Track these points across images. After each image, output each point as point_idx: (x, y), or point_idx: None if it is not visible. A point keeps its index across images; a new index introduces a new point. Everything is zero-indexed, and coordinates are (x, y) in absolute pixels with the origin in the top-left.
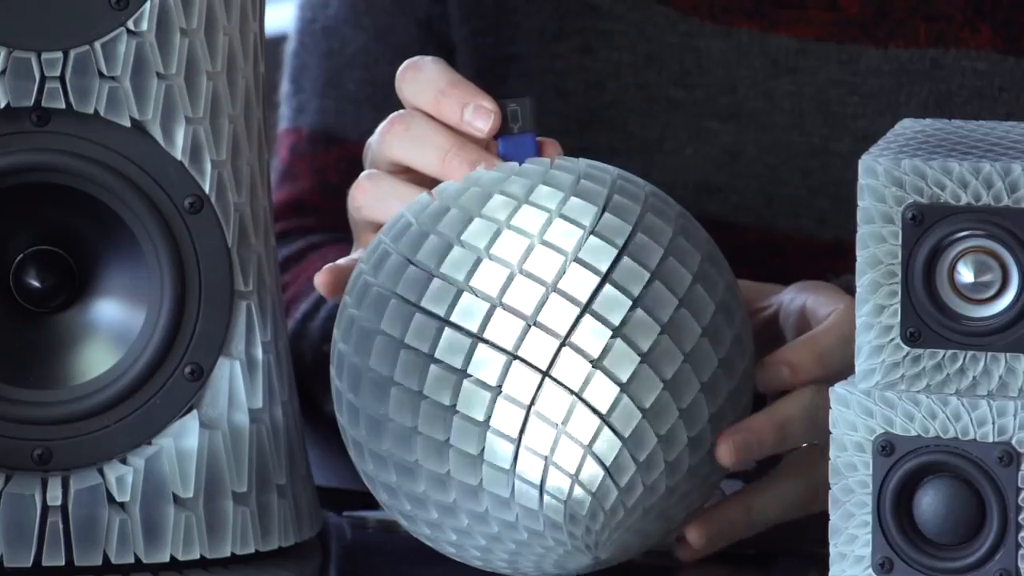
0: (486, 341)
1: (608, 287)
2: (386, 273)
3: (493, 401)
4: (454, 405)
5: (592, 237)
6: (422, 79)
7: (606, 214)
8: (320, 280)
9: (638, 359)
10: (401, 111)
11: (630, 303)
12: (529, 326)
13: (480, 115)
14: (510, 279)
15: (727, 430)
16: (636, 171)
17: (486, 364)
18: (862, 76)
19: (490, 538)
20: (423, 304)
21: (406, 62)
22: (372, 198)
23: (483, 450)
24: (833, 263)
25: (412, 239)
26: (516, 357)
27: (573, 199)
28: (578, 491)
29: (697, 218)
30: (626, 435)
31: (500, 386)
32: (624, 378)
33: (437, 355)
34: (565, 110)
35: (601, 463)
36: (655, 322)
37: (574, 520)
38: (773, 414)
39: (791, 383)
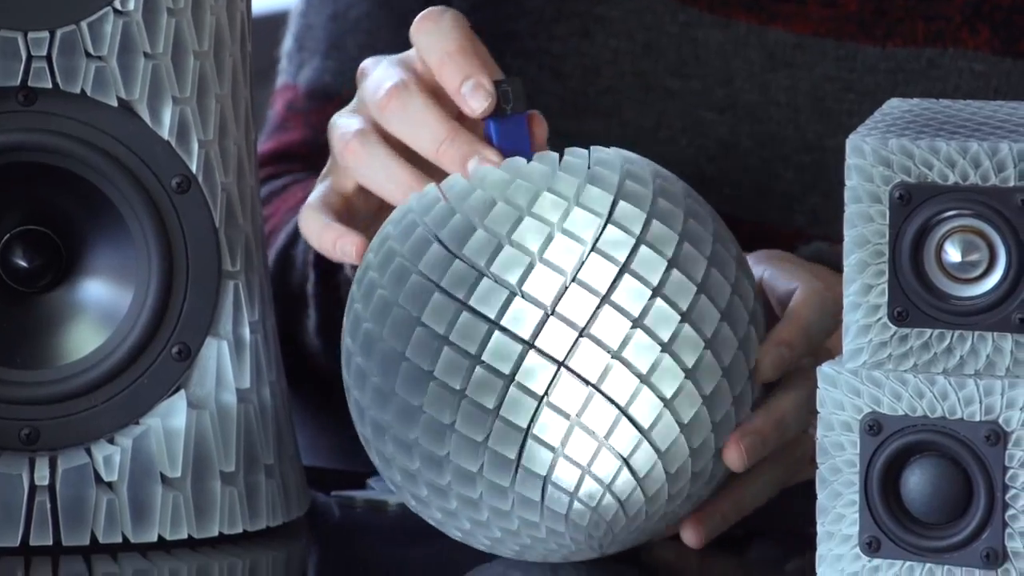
0: (537, 349)
1: (658, 300)
2: (425, 261)
3: (538, 409)
4: (498, 408)
5: (643, 247)
6: (436, 34)
7: (654, 222)
8: (356, 252)
9: (683, 375)
10: (399, 81)
11: (679, 317)
12: (580, 337)
13: (477, 94)
14: (563, 289)
15: (733, 433)
16: None
17: (535, 372)
18: (858, 73)
19: (507, 532)
20: (472, 304)
21: (428, 9)
22: (363, 165)
23: (521, 455)
24: None
25: (453, 231)
26: (565, 367)
27: (622, 204)
28: (608, 499)
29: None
30: (663, 449)
31: (547, 394)
32: (668, 393)
33: (484, 358)
34: (562, 93)
35: (635, 475)
36: (700, 337)
37: (597, 526)
38: (772, 411)
39: (790, 363)
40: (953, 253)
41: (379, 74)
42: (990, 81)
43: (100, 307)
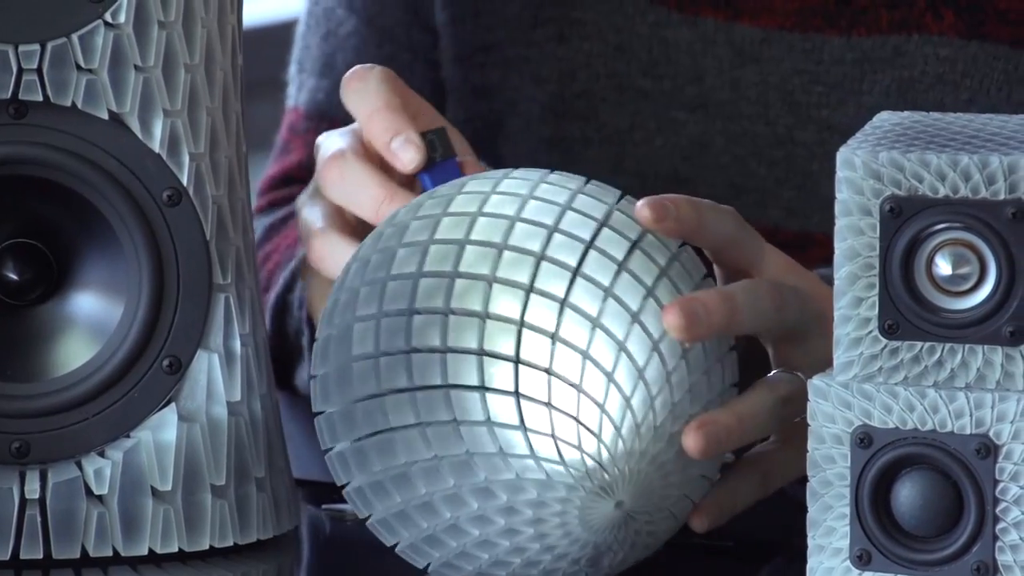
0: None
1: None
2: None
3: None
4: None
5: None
6: (363, 92)
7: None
8: None
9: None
10: (336, 151)
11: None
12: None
13: (407, 148)
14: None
15: (692, 422)
16: (609, 161)
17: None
18: (825, 65)
19: (507, 532)
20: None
21: (354, 68)
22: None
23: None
24: (801, 254)
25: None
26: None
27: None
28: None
29: None
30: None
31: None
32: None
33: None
34: (541, 98)
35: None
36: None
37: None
38: (735, 406)
39: (706, 326)
40: (943, 266)
41: (327, 143)
42: (956, 65)
43: (91, 320)
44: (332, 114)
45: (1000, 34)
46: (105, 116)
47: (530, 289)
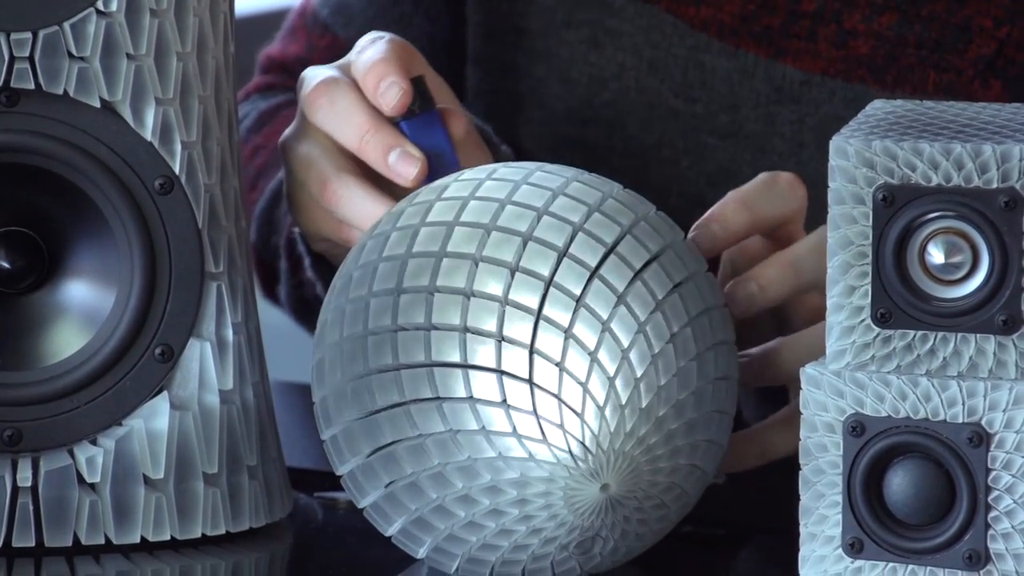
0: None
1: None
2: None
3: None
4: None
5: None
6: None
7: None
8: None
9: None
10: (328, 77)
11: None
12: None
13: (391, 89)
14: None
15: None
16: (632, 175)
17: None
18: None
19: (493, 513)
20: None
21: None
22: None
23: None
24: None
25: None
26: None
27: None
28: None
29: (685, 231)
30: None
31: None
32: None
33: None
34: (567, 99)
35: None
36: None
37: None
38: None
39: (761, 300)
40: (936, 255)
41: (313, 74)
42: None
43: (83, 308)
44: (333, 30)
45: None
46: (97, 104)
47: (515, 268)
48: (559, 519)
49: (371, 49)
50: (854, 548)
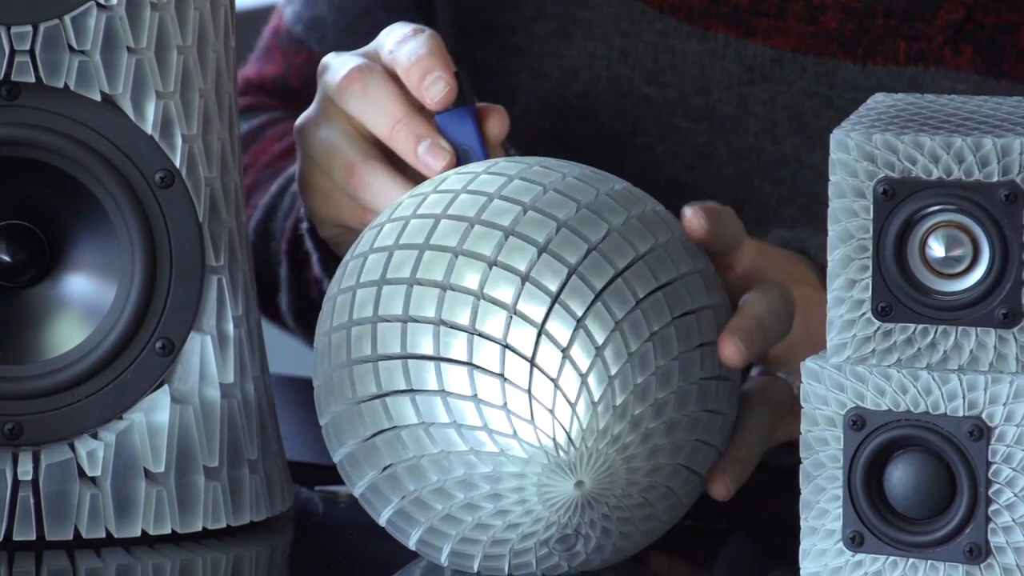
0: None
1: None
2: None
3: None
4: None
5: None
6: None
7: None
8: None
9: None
10: (362, 63)
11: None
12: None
13: (437, 84)
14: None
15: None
16: (608, 163)
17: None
18: (838, 90)
19: (470, 507)
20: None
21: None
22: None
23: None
24: None
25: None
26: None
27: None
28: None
29: None
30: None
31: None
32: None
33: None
34: (540, 92)
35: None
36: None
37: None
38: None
39: (749, 353)
40: (937, 248)
41: (341, 60)
42: None
43: (84, 302)
44: (308, 45)
45: (1018, 72)
46: (98, 98)
47: (493, 262)
48: (534, 515)
49: (414, 41)
50: (855, 542)
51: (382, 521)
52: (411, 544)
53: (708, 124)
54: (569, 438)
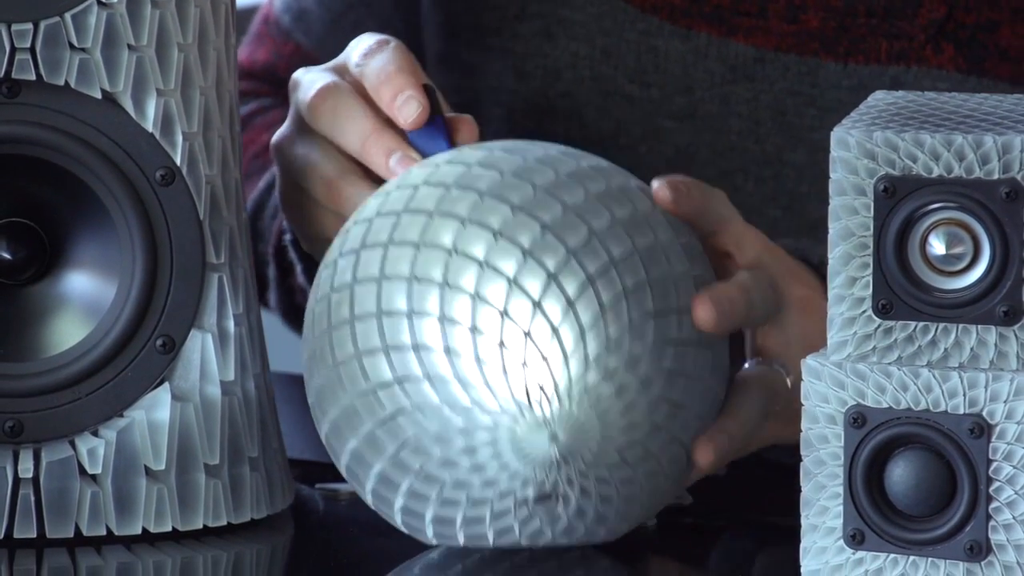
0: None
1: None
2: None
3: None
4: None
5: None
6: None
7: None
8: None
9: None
10: (331, 83)
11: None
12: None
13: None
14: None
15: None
16: None
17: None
18: (820, 89)
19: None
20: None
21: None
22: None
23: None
24: None
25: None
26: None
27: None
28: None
29: None
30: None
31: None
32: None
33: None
34: (524, 93)
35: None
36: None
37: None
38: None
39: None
40: (937, 246)
41: (311, 79)
42: None
43: (84, 300)
44: (295, 38)
45: (1000, 71)
46: (98, 95)
47: (466, 220)
48: (511, 470)
49: (380, 56)
50: (855, 539)
51: (367, 493)
52: (397, 519)
53: (691, 123)
54: (541, 389)
